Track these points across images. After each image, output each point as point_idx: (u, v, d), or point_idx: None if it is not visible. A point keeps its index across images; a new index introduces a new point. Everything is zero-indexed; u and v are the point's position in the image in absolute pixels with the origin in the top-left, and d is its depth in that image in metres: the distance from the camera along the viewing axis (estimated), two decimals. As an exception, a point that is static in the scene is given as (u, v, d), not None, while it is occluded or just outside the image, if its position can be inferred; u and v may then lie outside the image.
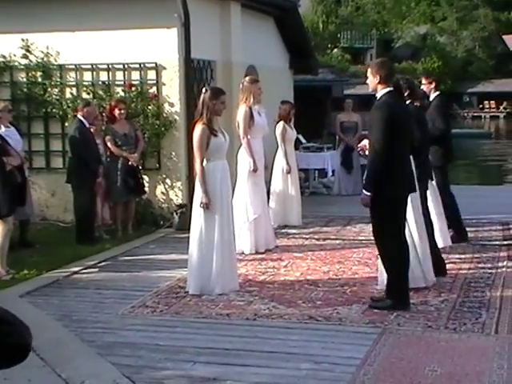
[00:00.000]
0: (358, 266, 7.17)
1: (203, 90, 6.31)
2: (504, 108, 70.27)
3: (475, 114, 69.59)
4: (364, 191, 5.57)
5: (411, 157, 5.92)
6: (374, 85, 5.68)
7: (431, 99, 8.22)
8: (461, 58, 74.69)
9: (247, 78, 8.22)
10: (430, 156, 7.72)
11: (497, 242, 8.13)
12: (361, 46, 76.07)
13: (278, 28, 13.62)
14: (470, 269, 6.95)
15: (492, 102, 70.46)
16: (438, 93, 8.30)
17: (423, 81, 8.41)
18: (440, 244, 7.31)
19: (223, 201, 6.21)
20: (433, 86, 8.29)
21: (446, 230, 7.74)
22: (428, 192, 6.96)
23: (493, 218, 9.58)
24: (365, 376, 4.26)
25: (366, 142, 5.90)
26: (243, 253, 7.80)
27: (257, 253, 7.85)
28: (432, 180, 7.16)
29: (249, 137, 7.92)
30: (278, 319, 5.45)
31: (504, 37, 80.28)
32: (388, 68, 5.72)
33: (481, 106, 72.35)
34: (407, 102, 6.45)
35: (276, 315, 5.54)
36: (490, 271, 6.81)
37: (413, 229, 6.13)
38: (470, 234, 8.48)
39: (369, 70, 5.76)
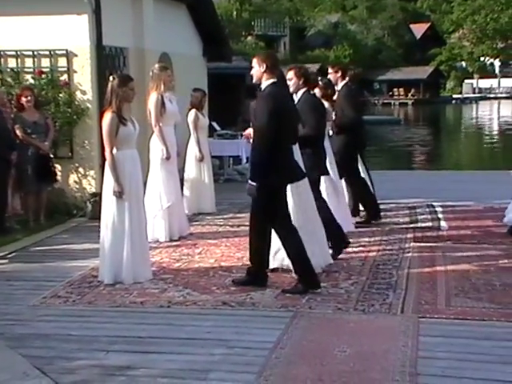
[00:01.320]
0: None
1: (110, 77, 6.25)
2: (412, 95, 72.37)
3: (385, 101, 71.34)
4: (249, 181, 5.69)
5: (298, 146, 6.11)
6: (259, 75, 5.80)
7: (339, 88, 8.39)
8: (371, 46, 76.30)
9: (157, 66, 8.19)
10: (339, 143, 7.93)
11: (404, 226, 8.41)
12: (274, 33, 76.52)
13: (191, 15, 13.58)
14: (378, 251, 7.17)
15: (401, 89, 72.45)
16: (344, 81, 8.46)
17: (329, 70, 8.50)
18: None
19: (133, 189, 6.18)
20: (339, 74, 8.43)
21: (347, 218, 7.91)
22: (326, 182, 7.28)
23: (400, 201, 9.89)
24: (276, 359, 4.37)
25: (250, 131, 6.01)
26: (158, 241, 7.80)
27: (171, 240, 7.86)
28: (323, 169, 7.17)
29: (161, 124, 7.89)
30: (192, 306, 5.49)
31: (411, 26, 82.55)
32: (273, 59, 5.87)
33: (390, 93, 74.22)
34: (303, 91, 6.62)
35: (190, 302, 5.59)
36: (397, 254, 7.04)
37: (299, 214, 6.21)
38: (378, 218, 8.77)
39: (254, 60, 5.86)
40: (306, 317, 5.18)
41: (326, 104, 7.62)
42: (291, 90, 6.53)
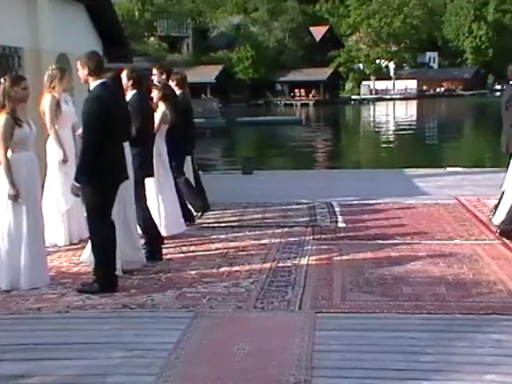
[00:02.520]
0: (172, 253, 7.27)
1: (1, 79, 6.10)
2: (313, 96, 73.75)
3: (287, 102, 72.39)
4: (74, 181, 5.83)
5: (129, 145, 6.29)
6: (84, 77, 5.91)
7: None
8: (272, 48, 77.29)
9: (54, 66, 8.03)
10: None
11: (303, 225, 8.57)
12: (177, 34, 76.27)
13: (90, 15, 13.38)
14: (278, 250, 7.28)
15: (302, 90, 73.71)
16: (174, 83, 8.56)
17: (154, 71, 8.43)
18: (174, 231, 7.80)
19: (29, 193, 6.05)
20: (164, 76, 8.48)
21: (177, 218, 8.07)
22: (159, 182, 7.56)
23: (300, 201, 10.08)
24: (176, 359, 4.38)
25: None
26: (56, 245, 7.65)
27: (71, 244, 7.73)
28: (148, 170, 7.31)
29: (56, 127, 7.74)
30: (92, 310, 5.43)
31: (311, 28, 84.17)
32: (96, 60, 5.95)
33: (292, 94, 75.37)
34: (132, 93, 6.74)
35: (89, 306, 5.52)
36: (296, 252, 7.17)
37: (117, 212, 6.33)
38: (279, 218, 8.91)
39: (78, 62, 5.92)
40: (206, 316, 5.21)
41: (163, 106, 7.76)
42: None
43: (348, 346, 4.53)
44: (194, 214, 8.79)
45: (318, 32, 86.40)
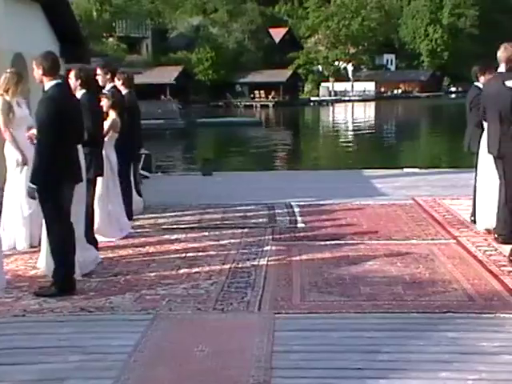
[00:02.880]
0: (131, 255, 7.23)
1: None
2: (273, 97, 74.02)
3: (247, 103, 72.52)
4: (30, 184, 5.78)
5: (81, 146, 6.26)
6: (39, 77, 5.88)
7: (106, 90, 8.40)
8: (232, 49, 77.30)
9: (12, 70, 7.93)
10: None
11: (263, 226, 8.60)
12: (136, 35, 75.81)
13: (46, 15, 13.23)
14: (238, 251, 7.29)
15: (262, 91, 73.93)
16: (112, 84, 8.53)
17: (98, 71, 8.38)
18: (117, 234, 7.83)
19: None
20: (108, 76, 8.47)
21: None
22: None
23: (260, 202, 10.10)
24: (135, 362, 4.36)
25: (34, 131, 6.06)
26: (15, 248, 7.54)
27: (32, 247, 7.62)
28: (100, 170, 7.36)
29: (11, 130, 7.64)
30: (49, 313, 5.36)
31: (270, 30, 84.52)
32: (51, 60, 5.93)
33: (252, 95, 75.53)
34: (81, 92, 6.74)
35: (47, 309, 5.45)
36: (255, 253, 7.18)
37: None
38: (238, 219, 8.93)
39: (33, 62, 5.91)
40: (165, 318, 5.19)
41: (114, 114, 7.82)
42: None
43: (307, 346, 4.56)
44: None
45: (278, 34, 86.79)
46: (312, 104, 77.83)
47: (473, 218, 8.09)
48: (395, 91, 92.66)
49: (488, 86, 7.38)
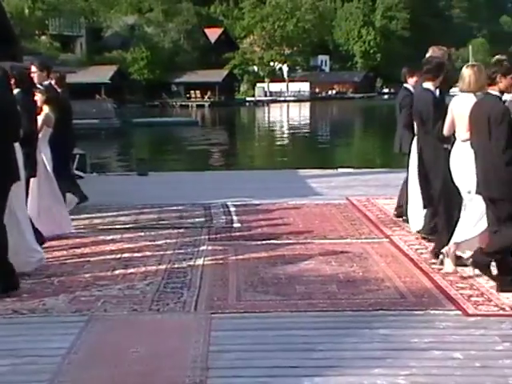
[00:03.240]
0: (65, 256, 7.13)
1: None
2: (208, 97, 74.00)
3: (183, 103, 72.28)
4: None
5: (19, 145, 6.15)
6: None
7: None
8: (168, 49, 76.95)
9: None
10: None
11: (199, 226, 8.60)
12: (70, 33, 74.64)
13: (-25, 12, 12.91)
14: (174, 251, 7.27)
15: (198, 91, 73.86)
16: (48, 81, 8.48)
17: (33, 68, 8.20)
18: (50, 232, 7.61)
19: None
20: (45, 74, 8.35)
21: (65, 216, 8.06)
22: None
23: (196, 202, 10.09)
24: (69, 364, 4.30)
25: None
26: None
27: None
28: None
29: None
30: (-20, 317, 5.25)
31: (206, 30, 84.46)
32: None
33: (188, 95, 75.33)
34: (16, 91, 6.67)
35: (-23, 313, 5.34)
36: (192, 253, 7.18)
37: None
38: (174, 219, 8.91)
39: None
40: (100, 320, 5.14)
41: (47, 109, 7.72)
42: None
43: (243, 345, 4.59)
44: None
45: (213, 34, 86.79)
46: (248, 104, 78.12)
47: (405, 218, 8.27)
48: (330, 92, 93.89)
49: (415, 88, 7.62)
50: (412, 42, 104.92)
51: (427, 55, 7.43)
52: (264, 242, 7.61)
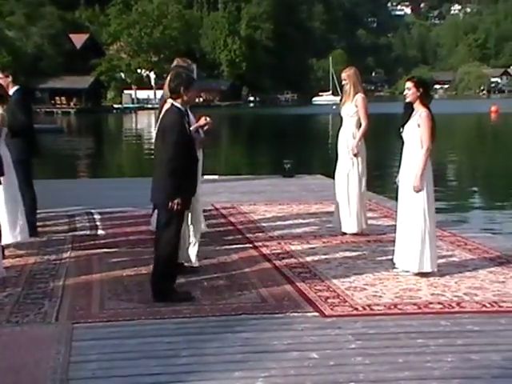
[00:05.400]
0: None
1: None
2: (74, 104, 72.33)
3: (48, 110, 70.15)
4: None
5: None
6: None
7: (11, 93, 8.14)
8: (31, 54, 74.56)
9: None
10: (14, 149, 7.71)
11: (62, 234, 8.42)
12: None
13: None
14: (35, 262, 7.09)
15: (63, 98, 72.02)
16: (17, 87, 8.28)
17: None
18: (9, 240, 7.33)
19: None
20: (10, 79, 8.22)
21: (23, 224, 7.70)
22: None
23: (60, 210, 9.87)
24: None
25: None
26: None
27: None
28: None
29: None
30: None
31: (71, 35, 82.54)
32: None
33: (53, 101, 73.23)
34: None
35: None
36: (54, 262, 7.04)
37: None
38: (38, 228, 8.65)
39: None
40: (-46, 335, 4.94)
41: (0, 109, 7.41)
42: None
43: (105, 354, 4.56)
44: None
45: (79, 39, 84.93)
46: (115, 111, 76.94)
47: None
48: (197, 100, 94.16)
49: None
50: (276, 52, 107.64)
51: (172, 66, 7.64)
52: (129, 249, 7.58)
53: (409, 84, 6.47)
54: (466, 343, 4.80)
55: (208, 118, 6.81)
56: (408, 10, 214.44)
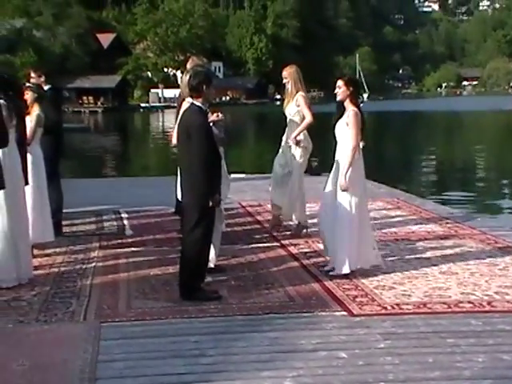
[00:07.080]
0: None
1: None
2: (101, 103, 72.74)
3: (75, 109, 70.67)
4: None
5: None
6: None
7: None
8: (58, 54, 75.10)
9: None
10: (43, 147, 7.77)
11: (90, 234, 8.45)
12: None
13: None
14: (63, 261, 7.12)
15: (90, 97, 72.46)
16: (49, 86, 8.34)
17: (32, 74, 8.30)
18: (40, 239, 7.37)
19: None
20: (43, 79, 8.29)
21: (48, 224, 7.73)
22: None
23: (88, 209, 9.92)
24: (-50, 380, 4.15)
25: None
26: None
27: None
28: None
29: None
30: None
31: (98, 35, 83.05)
32: None
33: (80, 101, 73.75)
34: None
35: None
36: (82, 261, 7.06)
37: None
38: (65, 227, 8.69)
39: None
40: (-16, 334, 4.98)
41: (38, 109, 7.45)
42: None
43: (132, 353, 4.56)
44: None
45: (106, 39, 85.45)
46: (142, 110, 77.33)
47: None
48: (223, 98, 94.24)
49: None
50: (302, 50, 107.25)
51: (188, 66, 7.58)
52: (156, 248, 7.58)
53: (340, 82, 6.44)
54: (497, 343, 4.72)
55: (220, 114, 6.76)
56: (435, 7, 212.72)
